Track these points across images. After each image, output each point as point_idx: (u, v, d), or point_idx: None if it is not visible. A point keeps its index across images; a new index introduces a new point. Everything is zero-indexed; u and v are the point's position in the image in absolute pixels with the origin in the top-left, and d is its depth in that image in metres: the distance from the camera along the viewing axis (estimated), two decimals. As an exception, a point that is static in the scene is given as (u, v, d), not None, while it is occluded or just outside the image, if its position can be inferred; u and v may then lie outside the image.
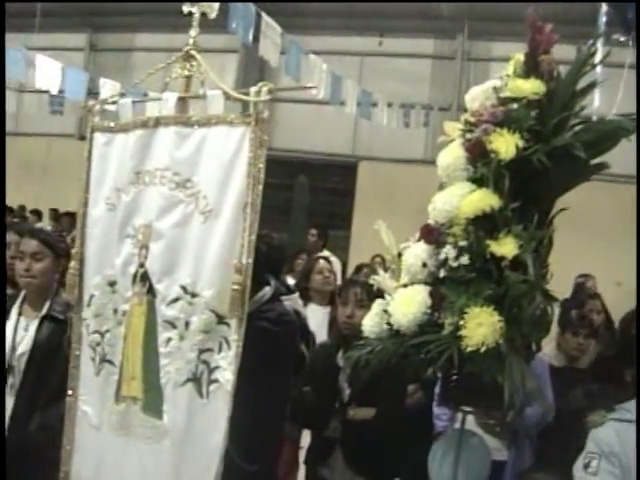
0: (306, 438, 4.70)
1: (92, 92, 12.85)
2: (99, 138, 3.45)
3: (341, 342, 4.10)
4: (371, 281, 2.92)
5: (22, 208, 17.15)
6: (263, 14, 8.95)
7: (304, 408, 4.03)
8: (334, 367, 4.05)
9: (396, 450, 3.99)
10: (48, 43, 17.66)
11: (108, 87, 12.76)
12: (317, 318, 5.58)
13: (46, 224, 15.34)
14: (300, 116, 15.33)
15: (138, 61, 18.25)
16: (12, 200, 16.47)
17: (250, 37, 8.94)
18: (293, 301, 4.46)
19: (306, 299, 5.82)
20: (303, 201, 15.69)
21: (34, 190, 18.44)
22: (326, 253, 8.38)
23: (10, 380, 3.82)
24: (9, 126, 20.00)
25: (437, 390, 4.53)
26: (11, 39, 13.43)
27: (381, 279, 2.88)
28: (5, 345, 3.82)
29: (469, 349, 2.39)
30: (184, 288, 2.94)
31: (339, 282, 6.58)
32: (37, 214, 16.30)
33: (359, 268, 8.90)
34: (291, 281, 6.33)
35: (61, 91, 13.25)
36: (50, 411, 3.69)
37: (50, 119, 17.44)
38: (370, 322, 2.75)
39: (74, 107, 16.60)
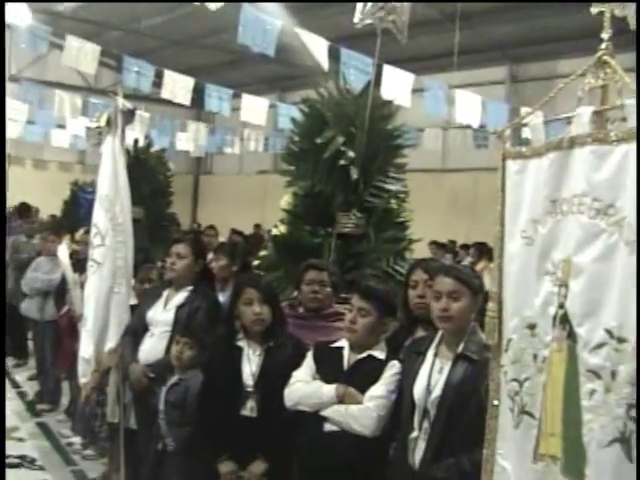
0: None
1: (515, 124, 12.73)
2: (511, 166, 3.16)
3: None
4: None
5: (452, 243, 17.49)
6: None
7: None
8: None
9: None
10: (468, 79, 17.94)
11: (530, 117, 12.56)
12: None
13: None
14: None
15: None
16: (442, 235, 16.88)
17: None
18: None
19: None
20: None
21: (464, 225, 18.74)
22: None
23: (425, 425, 3.66)
24: (436, 163, 20.68)
25: None
26: (433, 79, 13.82)
27: None
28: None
29: None
30: (609, 332, 2.52)
31: None
32: (466, 248, 16.46)
33: None
34: None
35: (482, 125, 13.36)
36: (461, 457, 3.48)
37: (476, 153, 17.67)
38: None
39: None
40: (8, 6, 14.05)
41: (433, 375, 3.68)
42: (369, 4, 6.06)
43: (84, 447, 7.30)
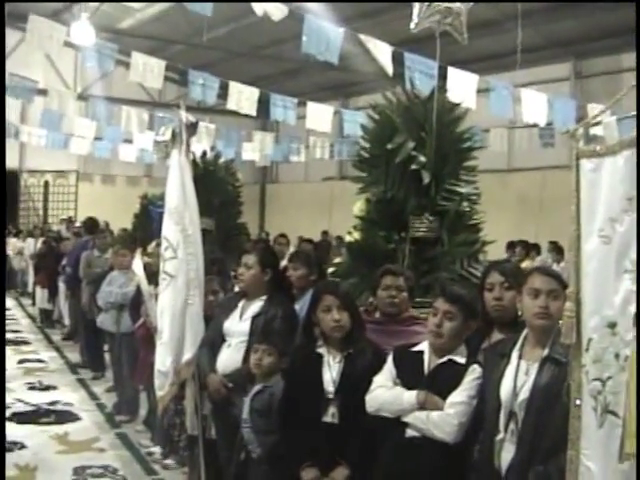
0: None
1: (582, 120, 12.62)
2: (586, 165, 3.15)
3: None
4: None
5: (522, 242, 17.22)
6: None
7: None
8: None
9: None
10: (532, 77, 17.74)
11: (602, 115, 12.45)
12: None
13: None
14: None
15: (628, 83, 17.56)
16: (510, 236, 16.59)
17: None
18: None
19: None
20: None
21: (532, 224, 18.52)
22: None
23: (511, 427, 3.63)
24: (502, 164, 20.50)
25: None
26: (497, 79, 13.73)
27: None
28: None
29: None
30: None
31: None
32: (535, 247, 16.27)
33: None
34: None
35: (549, 123, 13.22)
36: (549, 463, 3.43)
37: (542, 152, 17.48)
38: None
39: (566, 138, 16.47)
40: (73, 26, 14.38)
41: (519, 377, 3.65)
42: (424, 8, 6.04)
43: (164, 457, 7.39)
